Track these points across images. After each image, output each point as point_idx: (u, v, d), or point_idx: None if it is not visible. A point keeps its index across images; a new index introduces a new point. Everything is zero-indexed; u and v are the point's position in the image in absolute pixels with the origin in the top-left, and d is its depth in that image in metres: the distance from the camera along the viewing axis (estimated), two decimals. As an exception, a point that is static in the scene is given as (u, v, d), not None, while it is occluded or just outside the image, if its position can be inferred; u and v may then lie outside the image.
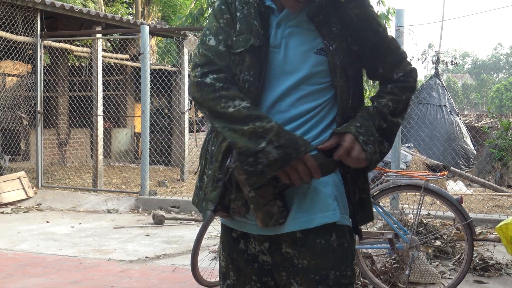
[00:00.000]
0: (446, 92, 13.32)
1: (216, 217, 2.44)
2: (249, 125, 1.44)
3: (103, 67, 8.98)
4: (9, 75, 11.73)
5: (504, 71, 71.35)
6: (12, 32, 8.41)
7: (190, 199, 6.61)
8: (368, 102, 1.68)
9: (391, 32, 6.92)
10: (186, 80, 9.46)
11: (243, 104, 1.47)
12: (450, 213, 4.31)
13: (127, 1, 22.11)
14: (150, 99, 7.71)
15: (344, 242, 1.54)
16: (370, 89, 13.89)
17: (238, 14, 1.59)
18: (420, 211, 3.70)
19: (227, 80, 1.53)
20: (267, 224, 1.49)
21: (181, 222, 6.35)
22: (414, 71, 1.66)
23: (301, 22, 1.56)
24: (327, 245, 1.52)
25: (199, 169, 1.68)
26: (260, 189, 1.46)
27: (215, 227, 3.40)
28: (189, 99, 9.60)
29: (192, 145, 10.47)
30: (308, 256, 1.52)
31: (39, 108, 8.45)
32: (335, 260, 1.52)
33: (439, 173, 3.78)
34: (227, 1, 1.62)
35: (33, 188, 7.94)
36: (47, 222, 6.41)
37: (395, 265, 3.77)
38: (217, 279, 2.05)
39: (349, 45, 1.57)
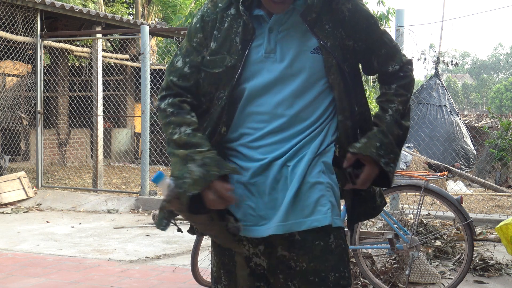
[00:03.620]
0: (446, 92, 13.31)
1: None
2: (184, 150, 1.50)
3: (103, 67, 8.97)
4: (9, 75, 11.73)
5: (504, 71, 71.35)
6: (12, 32, 8.41)
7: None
8: (371, 104, 1.70)
9: (391, 32, 6.94)
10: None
11: (187, 130, 1.53)
12: (450, 213, 4.31)
13: (127, 1, 22.11)
14: (150, 99, 7.70)
15: (342, 243, 1.54)
16: (370, 89, 13.87)
17: (215, 32, 1.58)
18: (420, 211, 3.70)
19: (180, 105, 1.58)
20: (227, 243, 1.58)
21: (181, 222, 6.33)
22: (410, 62, 1.67)
23: (293, 24, 1.55)
24: (326, 246, 1.51)
25: None
26: (195, 217, 1.53)
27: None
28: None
29: (192, 145, 10.45)
30: (307, 259, 1.50)
31: (39, 108, 8.45)
32: (334, 262, 1.51)
33: (439, 173, 3.78)
34: (204, 20, 1.61)
35: (33, 188, 7.94)
36: (47, 222, 6.41)
37: (395, 265, 3.77)
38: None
39: (344, 41, 1.56)
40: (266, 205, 1.53)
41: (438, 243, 4.50)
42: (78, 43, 11.34)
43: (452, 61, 11.79)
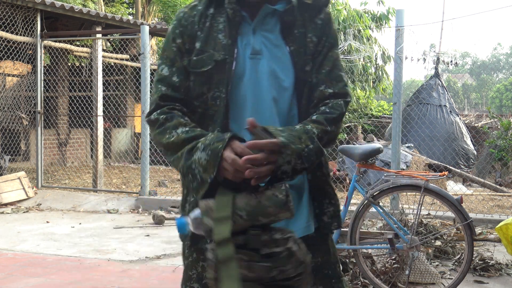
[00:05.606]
0: (446, 92, 13.30)
1: None
2: (185, 147, 1.44)
3: (103, 67, 8.98)
4: (9, 75, 11.73)
5: (504, 71, 71.35)
6: (12, 32, 8.41)
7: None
8: (371, 104, 1.67)
9: (391, 32, 6.91)
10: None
11: (184, 129, 1.47)
12: (450, 213, 4.31)
13: (127, 1, 22.11)
14: (150, 99, 7.71)
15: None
16: (369, 89, 13.86)
17: (198, 33, 1.56)
18: (420, 211, 3.70)
19: (171, 112, 1.53)
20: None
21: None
22: (347, 95, 1.57)
23: (273, 28, 1.56)
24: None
25: (181, 198, 1.65)
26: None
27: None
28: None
29: (192, 145, 10.45)
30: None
31: (39, 108, 8.45)
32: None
33: (439, 173, 3.78)
34: (182, 24, 1.59)
35: (33, 188, 7.94)
36: (47, 222, 6.41)
37: (395, 265, 3.77)
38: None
39: (308, 44, 1.55)
40: (296, 207, 1.54)
41: (438, 243, 4.50)
42: (78, 43, 11.34)
43: (452, 61, 11.76)
